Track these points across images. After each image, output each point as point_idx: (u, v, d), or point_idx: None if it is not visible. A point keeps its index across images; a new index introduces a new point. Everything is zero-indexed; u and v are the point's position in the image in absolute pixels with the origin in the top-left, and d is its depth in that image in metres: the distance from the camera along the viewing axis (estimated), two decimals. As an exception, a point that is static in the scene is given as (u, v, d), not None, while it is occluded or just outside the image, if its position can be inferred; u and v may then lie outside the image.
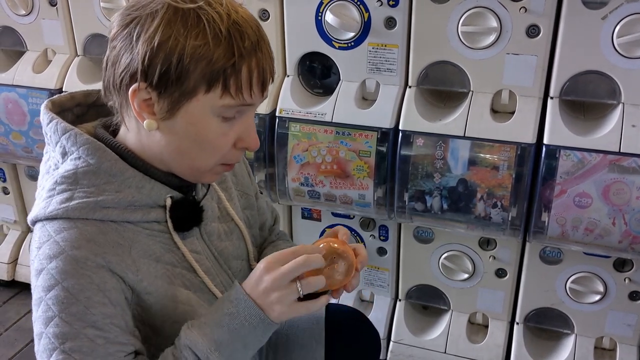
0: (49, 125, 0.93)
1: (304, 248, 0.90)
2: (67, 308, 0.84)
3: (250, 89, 0.87)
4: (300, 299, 0.89)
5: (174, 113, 0.86)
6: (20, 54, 1.88)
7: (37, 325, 0.86)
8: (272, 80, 0.92)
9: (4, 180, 2.14)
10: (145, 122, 0.87)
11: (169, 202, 0.93)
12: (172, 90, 0.84)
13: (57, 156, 0.92)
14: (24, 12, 1.81)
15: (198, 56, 0.82)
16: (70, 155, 0.90)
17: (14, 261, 2.20)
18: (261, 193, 1.23)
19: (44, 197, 0.90)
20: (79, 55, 1.83)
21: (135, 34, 0.84)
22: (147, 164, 0.93)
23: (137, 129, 0.91)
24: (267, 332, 0.90)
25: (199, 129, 0.88)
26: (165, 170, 0.94)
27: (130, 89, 0.85)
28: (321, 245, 0.94)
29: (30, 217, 0.91)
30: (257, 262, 0.94)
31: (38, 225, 0.90)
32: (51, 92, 1.78)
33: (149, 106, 0.86)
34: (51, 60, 1.85)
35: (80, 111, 1.02)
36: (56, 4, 1.78)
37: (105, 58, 0.90)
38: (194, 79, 0.84)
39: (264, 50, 0.88)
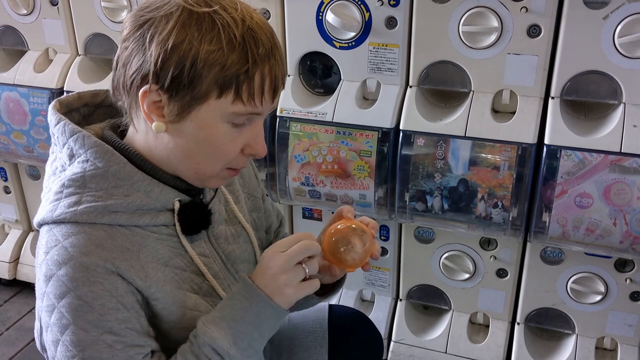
0: (57, 126, 0.92)
1: (304, 234, 0.92)
2: (83, 316, 0.83)
3: (262, 95, 0.86)
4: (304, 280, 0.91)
5: (183, 116, 0.86)
6: (22, 53, 1.89)
7: (52, 333, 0.86)
8: (284, 87, 0.92)
9: (5, 180, 2.15)
10: (153, 124, 0.87)
11: (177, 205, 0.93)
12: (184, 94, 0.84)
13: (64, 157, 0.91)
14: (25, 12, 1.82)
15: (212, 61, 0.82)
16: (78, 157, 0.90)
17: (15, 260, 2.20)
18: (267, 195, 1.23)
19: (51, 200, 0.89)
20: (80, 55, 1.83)
21: (148, 35, 0.83)
22: (155, 167, 0.92)
23: (145, 131, 0.91)
24: (280, 320, 0.92)
25: (208, 133, 0.87)
26: (172, 173, 0.93)
27: (141, 91, 0.85)
28: (339, 227, 0.96)
29: (36, 220, 0.91)
30: None
31: (45, 229, 0.89)
32: (52, 92, 1.78)
33: (159, 108, 0.86)
34: (52, 60, 1.85)
35: (87, 111, 1.02)
36: (57, 4, 1.78)
37: (115, 58, 0.89)
38: (206, 84, 0.83)
39: (276, 57, 0.87)
